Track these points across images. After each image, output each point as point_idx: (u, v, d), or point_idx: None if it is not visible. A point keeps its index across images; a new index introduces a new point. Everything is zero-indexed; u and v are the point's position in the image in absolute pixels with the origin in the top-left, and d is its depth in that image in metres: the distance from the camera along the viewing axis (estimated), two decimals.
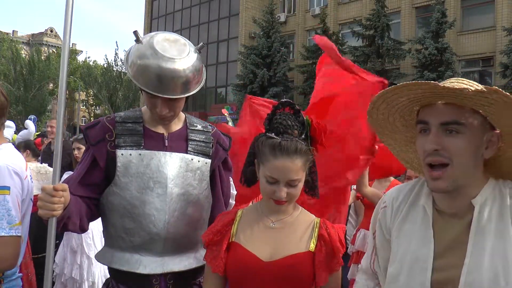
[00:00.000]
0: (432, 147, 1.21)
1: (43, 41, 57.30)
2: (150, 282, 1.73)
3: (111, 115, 1.83)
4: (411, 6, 22.35)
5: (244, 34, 28.01)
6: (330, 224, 1.60)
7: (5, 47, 39.43)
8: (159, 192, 1.72)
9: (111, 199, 1.74)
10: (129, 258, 1.73)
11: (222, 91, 30.66)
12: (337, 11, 25.22)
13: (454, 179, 1.21)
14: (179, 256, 1.79)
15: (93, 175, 1.75)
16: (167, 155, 1.76)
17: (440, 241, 1.26)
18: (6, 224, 1.64)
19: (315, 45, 23.58)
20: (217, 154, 1.90)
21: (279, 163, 1.47)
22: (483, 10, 20.42)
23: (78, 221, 1.67)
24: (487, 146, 1.24)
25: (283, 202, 1.52)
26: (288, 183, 1.50)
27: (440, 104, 1.23)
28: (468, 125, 1.20)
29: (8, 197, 1.67)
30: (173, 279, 1.76)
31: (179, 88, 1.67)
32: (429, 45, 18.71)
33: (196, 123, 1.90)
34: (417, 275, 1.26)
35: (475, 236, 1.20)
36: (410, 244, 1.31)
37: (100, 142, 1.74)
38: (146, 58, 1.65)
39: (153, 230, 1.72)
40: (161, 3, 34.78)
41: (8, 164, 1.72)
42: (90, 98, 45.03)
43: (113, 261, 1.75)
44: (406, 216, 1.37)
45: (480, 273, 1.16)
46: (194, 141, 1.84)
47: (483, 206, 1.23)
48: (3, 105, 1.87)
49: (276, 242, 1.54)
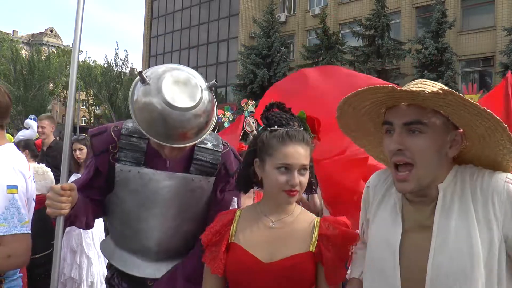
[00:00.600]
0: (396, 147, 1.26)
1: (43, 41, 57.28)
2: (145, 283, 1.80)
3: (119, 124, 1.75)
4: (411, 6, 22.34)
5: (244, 34, 28.00)
6: (331, 218, 1.59)
7: (5, 47, 39.42)
8: (155, 212, 1.74)
9: (112, 207, 1.80)
10: (127, 259, 1.80)
11: (222, 91, 30.64)
12: (337, 11, 25.21)
13: (418, 180, 1.25)
14: (173, 262, 1.81)
15: (97, 180, 1.78)
16: (167, 175, 1.72)
17: (408, 226, 1.31)
18: (18, 222, 1.67)
19: (315, 45, 23.63)
20: (219, 175, 1.80)
21: (291, 149, 1.48)
22: (483, 10, 20.40)
23: (85, 219, 1.72)
24: (451, 145, 1.27)
25: (296, 191, 1.49)
26: (300, 170, 1.49)
27: (403, 106, 1.27)
28: (430, 125, 1.23)
29: (17, 195, 1.70)
30: None
31: (189, 137, 1.55)
32: (429, 45, 18.70)
33: (207, 141, 1.75)
34: (387, 258, 1.30)
35: (440, 219, 1.24)
36: (381, 228, 1.37)
37: (103, 152, 1.74)
38: (154, 106, 1.49)
39: (146, 244, 1.78)
40: (161, 3, 34.77)
41: (13, 164, 1.74)
42: (90, 98, 45.01)
43: (113, 257, 1.84)
44: (381, 201, 1.43)
45: (446, 255, 1.20)
46: (199, 161, 1.74)
47: (446, 190, 1.26)
48: (7, 105, 1.87)
49: (276, 243, 1.52)
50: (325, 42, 22.71)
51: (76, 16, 1.62)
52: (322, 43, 22.86)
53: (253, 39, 26.85)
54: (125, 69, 40.94)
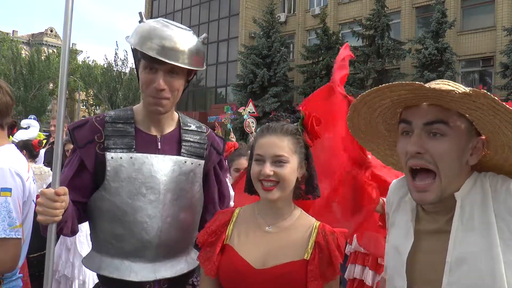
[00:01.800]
0: (415, 150, 1.15)
1: (43, 41, 57.25)
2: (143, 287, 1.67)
3: (100, 115, 1.72)
4: (411, 6, 22.33)
5: (244, 34, 27.99)
6: (329, 229, 1.51)
7: (6, 47, 39.42)
8: (151, 198, 1.64)
9: (100, 204, 1.64)
10: (118, 265, 1.64)
11: (222, 91, 30.63)
12: (337, 11, 25.20)
13: (441, 190, 1.15)
14: (171, 262, 1.73)
15: (81, 178, 1.65)
16: (160, 158, 1.67)
17: (423, 237, 1.23)
18: (7, 226, 1.64)
19: (315, 45, 23.61)
20: (211, 157, 1.83)
21: (265, 140, 1.49)
22: (483, 10, 20.40)
23: (71, 225, 1.59)
24: (472, 153, 1.18)
25: (272, 184, 1.44)
26: (274, 160, 1.45)
27: (425, 105, 1.17)
28: (454, 127, 1.14)
29: (10, 199, 1.66)
30: (167, 283, 1.71)
31: (181, 57, 1.59)
32: (429, 45, 18.69)
33: (190, 123, 1.81)
34: (397, 268, 1.25)
35: (457, 232, 1.15)
36: (395, 238, 1.30)
37: (88, 143, 1.64)
38: (150, 26, 1.61)
39: (145, 238, 1.64)
40: (161, 3, 34.78)
41: (10, 166, 1.71)
42: (90, 98, 44.97)
43: (102, 267, 1.66)
44: (397, 209, 1.36)
45: (464, 273, 1.11)
46: (188, 142, 1.76)
47: (464, 200, 1.17)
48: (8, 104, 1.85)
49: (270, 248, 1.47)
50: (325, 42, 22.70)
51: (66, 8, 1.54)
52: (322, 43, 22.86)
53: (253, 39, 26.84)
54: (125, 69, 40.94)
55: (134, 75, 44.19)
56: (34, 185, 1.92)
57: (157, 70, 1.58)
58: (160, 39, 1.56)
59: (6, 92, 1.82)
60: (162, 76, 1.58)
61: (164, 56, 1.55)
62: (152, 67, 1.58)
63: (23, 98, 37.08)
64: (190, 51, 1.62)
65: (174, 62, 1.57)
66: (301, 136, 1.53)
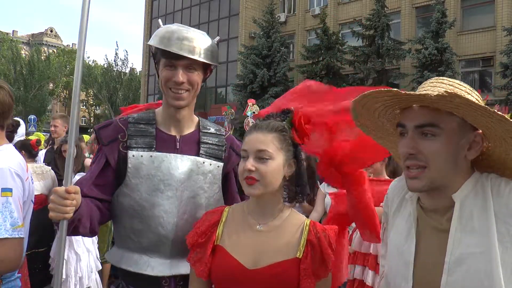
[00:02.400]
0: (408, 151, 1.20)
1: (43, 41, 57.32)
2: (159, 283, 1.73)
3: (124, 117, 1.84)
4: (411, 6, 22.34)
5: (244, 34, 28.00)
6: (320, 227, 1.51)
7: (6, 47, 39.45)
8: (169, 194, 1.72)
9: (121, 200, 1.74)
10: (137, 259, 1.73)
11: (222, 91, 30.64)
12: (337, 11, 25.21)
13: (431, 180, 1.19)
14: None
15: (106, 175, 1.75)
16: (178, 157, 1.76)
17: (424, 237, 1.25)
18: (10, 226, 1.64)
19: (315, 45, 23.61)
20: (230, 159, 1.88)
21: (251, 136, 1.50)
22: (483, 10, 20.41)
23: (89, 224, 1.65)
24: (470, 147, 1.20)
25: (253, 179, 1.43)
26: (257, 156, 1.45)
27: (416, 107, 1.20)
28: (444, 128, 1.17)
29: (11, 199, 1.67)
30: (183, 280, 1.74)
31: (197, 53, 1.72)
32: (429, 45, 18.70)
33: (209, 126, 1.90)
34: (401, 270, 1.25)
35: (455, 233, 1.17)
36: (396, 238, 1.32)
37: (112, 142, 1.76)
38: (168, 28, 1.75)
39: (162, 232, 1.72)
40: (161, 3, 34.77)
41: (10, 166, 1.72)
42: (90, 98, 45.04)
43: (122, 261, 1.75)
44: (398, 210, 1.38)
45: (461, 273, 1.13)
46: (206, 144, 1.83)
47: (464, 202, 1.19)
48: (10, 105, 1.86)
49: (262, 248, 1.47)
50: (325, 42, 22.70)
51: (81, 18, 1.61)
52: (322, 43, 22.85)
53: (253, 39, 26.84)
54: (125, 69, 40.98)
55: (134, 75, 44.23)
56: (32, 185, 1.93)
57: (176, 66, 1.71)
58: (178, 38, 1.71)
59: (8, 93, 1.84)
60: (181, 71, 1.71)
61: (183, 51, 1.69)
62: (172, 64, 1.71)
63: (23, 98, 37.12)
64: (205, 48, 1.76)
65: (191, 56, 1.70)
66: (287, 133, 1.52)
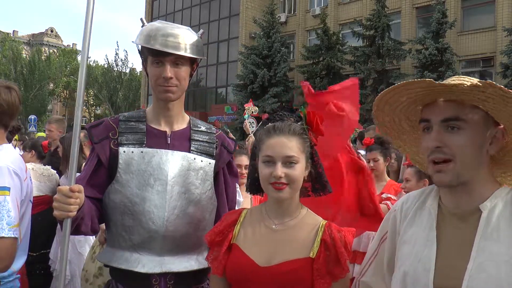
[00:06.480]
0: (434, 144, 1.21)
1: (43, 41, 57.34)
2: (149, 282, 1.72)
3: (115, 115, 1.89)
4: (412, 6, 22.33)
5: (245, 34, 28.00)
6: (336, 227, 1.52)
7: (6, 47, 39.46)
8: (159, 189, 1.73)
9: (113, 197, 1.75)
10: (128, 257, 1.73)
11: (222, 91, 30.64)
12: (338, 11, 25.20)
13: (457, 174, 1.20)
14: (179, 257, 1.77)
15: (99, 175, 1.77)
16: (169, 153, 1.78)
17: (444, 243, 1.25)
18: (6, 225, 1.64)
19: (316, 45, 23.61)
20: (221, 156, 1.90)
21: (274, 140, 1.49)
22: (484, 10, 20.40)
23: (90, 223, 1.68)
24: (492, 142, 1.23)
25: (283, 185, 1.45)
26: (285, 161, 1.46)
27: (441, 102, 1.23)
28: (469, 121, 1.20)
29: (8, 197, 1.67)
30: (173, 280, 1.74)
31: (183, 48, 1.75)
32: (429, 46, 18.70)
33: (200, 125, 1.93)
34: (420, 277, 1.24)
35: (480, 241, 1.18)
36: (414, 246, 1.30)
37: (103, 140, 1.78)
38: (153, 26, 1.78)
39: (152, 227, 1.72)
40: (161, 3, 34.77)
41: (8, 165, 1.72)
42: (90, 98, 45.01)
43: (113, 259, 1.75)
44: (412, 220, 1.36)
45: (483, 280, 1.14)
46: (197, 141, 1.86)
47: (491, 211, 1.21)
48: (17, 107, 1.86)
49: (276, 246, 1.48)
50: (325, 42, 22.70)
51: (86, 20, 1.67)
52: (323, 43, 22.85)
53: (253, 39, 26.83)
54: (125, 69, 40.98)
55: (134, 75, 44.24)
56: (31, 185, 1.93)
57: (164, 62, 1.73)
58: (163, 35, 1.74)
59: (17, 95, 1.86)
60: (169, 66, 1.74)
61: (169, 48, 1.72)
62: (159, 61, 1.74)
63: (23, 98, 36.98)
64: (191, 43, 1.79)
65: (177, 52, 1.73)
66: (307, 136, 1.54)
